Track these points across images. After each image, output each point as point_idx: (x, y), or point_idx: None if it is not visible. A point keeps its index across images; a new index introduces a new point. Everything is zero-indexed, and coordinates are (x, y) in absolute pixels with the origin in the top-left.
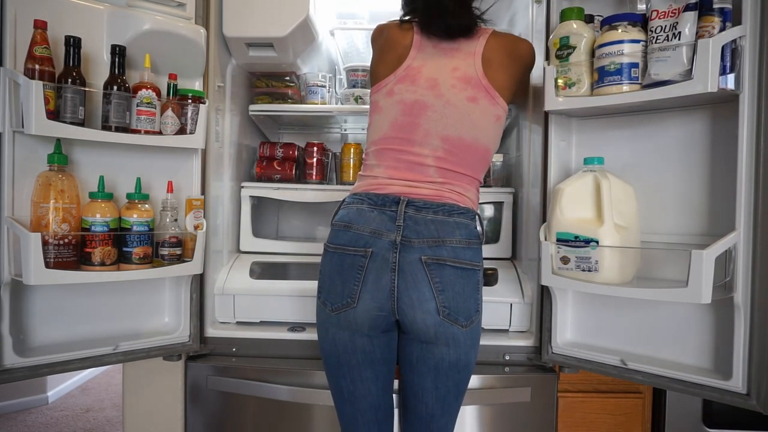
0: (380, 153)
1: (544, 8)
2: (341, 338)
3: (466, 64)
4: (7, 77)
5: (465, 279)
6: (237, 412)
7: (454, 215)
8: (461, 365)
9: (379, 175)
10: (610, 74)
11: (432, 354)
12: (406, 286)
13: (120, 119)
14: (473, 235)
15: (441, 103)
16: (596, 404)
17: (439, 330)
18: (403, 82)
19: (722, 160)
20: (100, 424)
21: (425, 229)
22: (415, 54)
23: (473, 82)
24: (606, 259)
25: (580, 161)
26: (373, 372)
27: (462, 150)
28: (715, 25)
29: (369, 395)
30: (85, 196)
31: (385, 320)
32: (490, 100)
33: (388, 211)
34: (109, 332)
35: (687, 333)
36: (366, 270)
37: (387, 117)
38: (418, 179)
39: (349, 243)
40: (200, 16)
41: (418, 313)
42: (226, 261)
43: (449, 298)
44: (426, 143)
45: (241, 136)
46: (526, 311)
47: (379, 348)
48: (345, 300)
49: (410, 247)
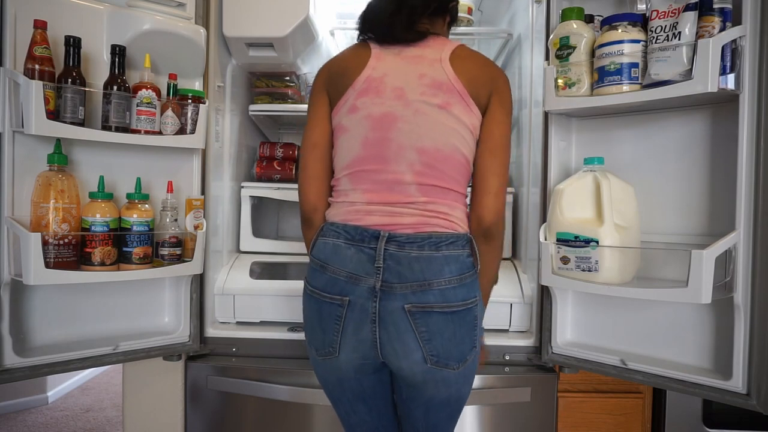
0: (355, 176)
1: (544, 8)
2: (330, 380)
3: (434, 69)
4: (7, 77)
5: (456, 323)
6: (237, 412)
7: (442, 248)
8: (453, 400)
9: (357, 200)
10: (610, 74)
11: (421, 395)
12: (389, 338)
13: (120, 119)
14: (466, 268)
15: (410, 113)
16: (596, 404)
17: (428, 376)
18: (366, 95)
19: (722, 160)
20: (100, 424)
21: (409, 271)
22: (374, 64)
23: (445, 87)
24: (606, 259)
25: (580, 161)
26: (366, 406)
27: (440, 162)
28: (715, 25)
29: (364, 423)
30: (85, 196)
31: (371, 366)
32: (465, 107)
33: (367, 249)
34: (109, 332)
35: (687, 333)
36: (344, 320)
37: (356, 136)
38: (399, 201)
39: (324, 288)
40: (200, 16)
41: (404, 362)
42: (226, 261)
43: (437, 347)
44: (401, 158)
45: (241, 136)
46: (526, 311)
47: (369, 386)
48: (327, 349)
49: (392, 294)
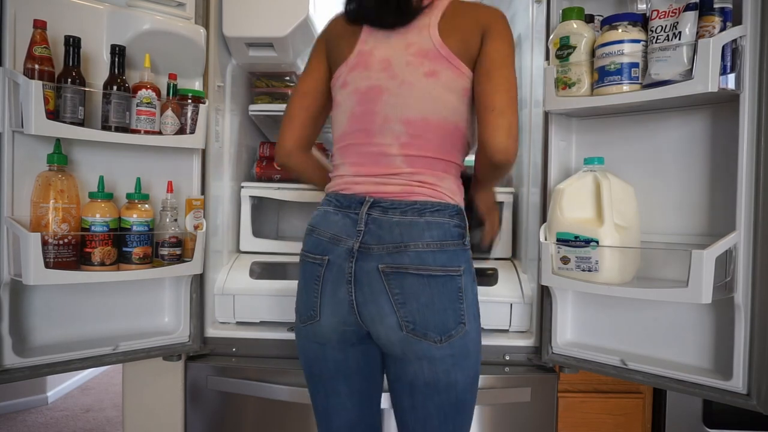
0: (343, 150)
1: (544, 8)
2: (312, 349)
3: (421, 37)
4: (6, 77)
5: (435, 288)
6: (237, 412)
7: (426, 214)
8: (441, 386)
9: (345, 174)
10: (610, 74)
11: (405, 371)
12: (364, 300)
13: (120, 119)
14: (450, 236)
15: (396, 84)
16: (596, 404)
17: (406, 347)
18: (356, 70)
19: (722, 160)
20: (100, 424)
21: (388, 234)
22: (366, 37)
23: (431, 54)
24: (606, 259)
25: (580, 161)
26: (347, 385)
27: (428, 131)
28: (715, 25)
29: (343, 410)
30: (85, 196)
31: (355, 334)
32: (454, 70)
33: (351, 214)
34: (109, 332)
35: (687, 333)
36: (323, 280)
37: (344, 110)
38: (385, 172)
39: (310, 249)
40: (200, 16)
41: (380, 328)
42: (226, 261)
43: (412, 311)
44: (386, 131)
45: (241, 136)
46: (526, 311)
47: (353, 358)
48: (309, 312)
49: (368, 255)
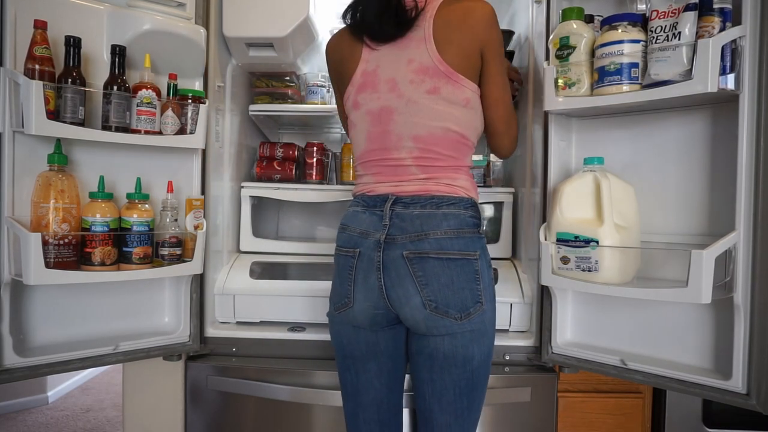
0: (365, 165)
1: (544, 8)
2: (346, 331)
3: (420, 52)
4: (7, 77)
5: (454, 270)
6: (237, 412)
7: (443, 206)
8: (459, 359)
9: (369, 182)
10: (610, 74)
11: (427, 344)
12: (392, 284)
13: (120, 119)
14: (465, 225)
15: (403, 104)
16: (596, 404)
17: (429, 323)
18: (364, 91)
19: (722, 160)
20: (100, 424)
21: (410, 225)
22: (367, 56)
23: (430, 71)
24: (606, 259)
25: (580, 161)
26: (377, 364)
27: (435, 144)
28: (715, 25)
29: (372, 389)
30: (85, 196)
31: (385, 317)
32: (454, 84)
33: (377, 212)
34: (109, 332)
35: (687, 333)
36: (355, 270)
37: (361, 131)
38: (403, 179)
39: (343, 245)
40: (200, 16)
41: (407, 309)
42: (226, 261)
43: (434, 291)
44: (400, 147)
45: (241, 136)
46: (526, 311)
47: (383, 340)
48: (343, 300)
49: (393, 244)
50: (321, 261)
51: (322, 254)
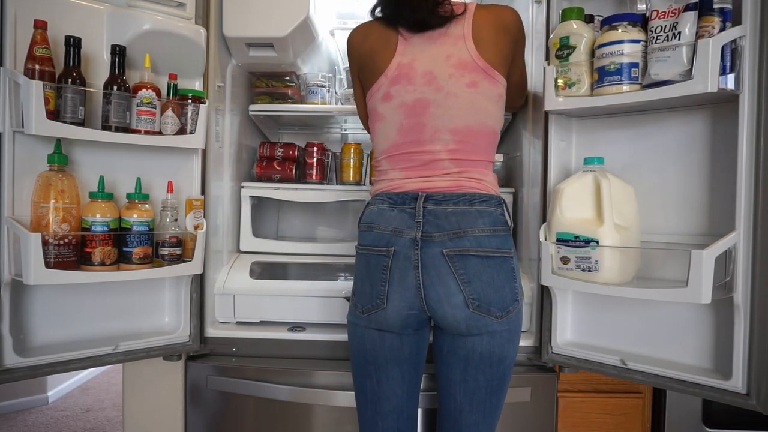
0: (393, 158)
1: (544, 8)
2: (370, 336)
3: (458, 48)
4: (7, 77)
5: (494, 268)
6: (237, 412)
7: (476, 204)
8: (495, 359)
9: (395, 177)
10: (610, 74)
11: (463, 345)
12: (431, 282)
13: (120, 119)
14: (499, 222)
15: (442, 97)
16: (596, 404)
17: (470, 323)
18: (398, 83)
19: (722, 160)
20: (100, 424)
21: (446, 222)
22: (403, 49)
23: (470, 66)
24: (606, 259)
25: (580, 161)
26: (399, 371)
27: (472, 137)
28: (715, 25)
29: (393, 396)
30: (85, 196)
31: (416, 318)
32: (491, 80)
33: (408, 209)
34: (109, 332)
35: (687, 333)
36: (390, 269)
37: (392, 123)
38: (434, 174)
39: (372, 243)
40: (200, 16)
41: (447, 308)
42: (226, 261)
43: (477, 290)
44: (436, 140)
45: (241, 136)
46: (526, 311)
47: (407, 347)
48: (374, 302)
49: (431, 242)
50: (321, 261)
51: (322, 254)
